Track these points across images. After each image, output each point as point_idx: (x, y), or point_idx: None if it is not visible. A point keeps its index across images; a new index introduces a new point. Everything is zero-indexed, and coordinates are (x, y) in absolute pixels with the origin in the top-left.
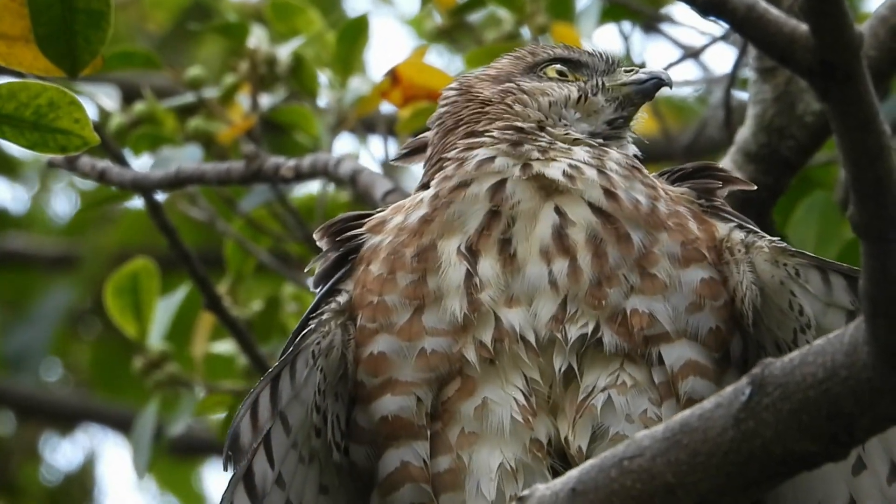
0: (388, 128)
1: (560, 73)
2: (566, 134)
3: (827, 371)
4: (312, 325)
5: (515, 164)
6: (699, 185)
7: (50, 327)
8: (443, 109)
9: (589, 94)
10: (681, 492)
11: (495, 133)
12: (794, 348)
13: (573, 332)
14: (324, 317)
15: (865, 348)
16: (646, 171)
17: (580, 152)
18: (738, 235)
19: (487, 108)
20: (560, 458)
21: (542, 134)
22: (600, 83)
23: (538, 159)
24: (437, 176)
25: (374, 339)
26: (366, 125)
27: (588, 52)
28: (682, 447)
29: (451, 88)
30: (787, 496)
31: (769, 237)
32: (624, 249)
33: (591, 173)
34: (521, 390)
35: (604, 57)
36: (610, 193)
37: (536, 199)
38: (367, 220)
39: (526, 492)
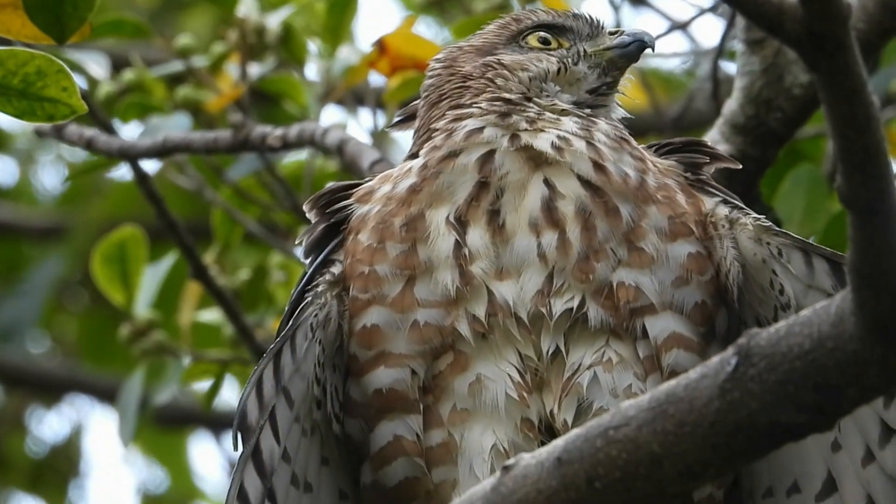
0: (377, 99)
1: (543, 40)
2: (553, 104)
3: (813, 342)
4: (309, 298)
5: (504, 135)
6: (686, 158)
7: (40, 299)
8: (428, 82)
9: (569, 65)
10: (666, 462)
11: (484, 104)
12: None
13: (558, 307)
14: (319, 288)
15: (852, 319)
16: (634, 143)
17: (569, 123)
18: (723, 211)
19: (469, 83)
20: (550, 437)
21: (530, 104)
22: (582, 50)
23: (526, 130)
24: (425, 146)
25: (366, 310)
26: (355, 96)
27: (572, 16)
28: (667, 417)
29: (437, 60)
30: (764, 473)
31: (754, 214)
32: (612, 223)
33: (580, 145)
34: (515, 367)
35: (588, 20)
36: (598, 166)
37: (525, 170)
38: (355, 190)
39: (511, 461)
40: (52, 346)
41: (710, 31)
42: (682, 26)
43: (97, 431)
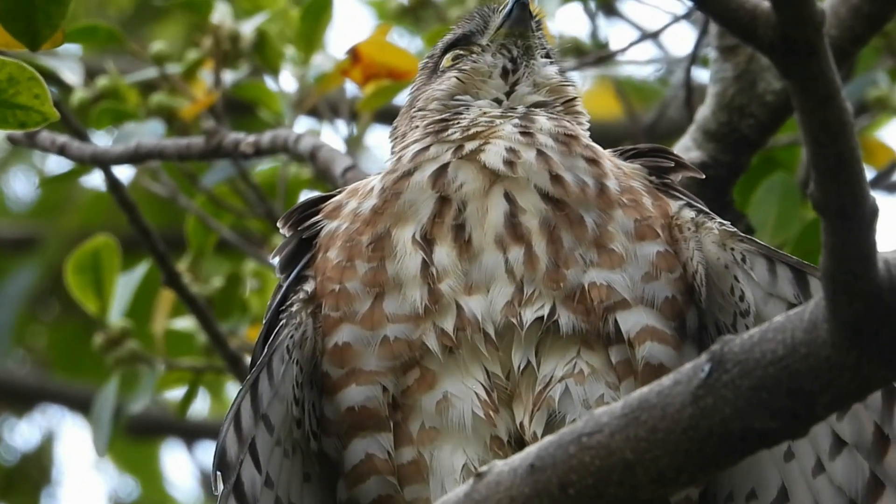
0: (351, 107)
1: (455, 57)
2: (483, 113)
3: (787, 348)
4: (283, 320)
5: (448, 149)
6: (651, 163)
7: (13, 310)
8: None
9: (470, 68)
10: (639, 468)
11: (420, 131)
12: (732, 332)
13: (528, 316)
14: (294, 308)
15: (825, 325)
16: (584, 138)
17: (507, 127)
18: (689, 214)
19: (408, 139)
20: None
21: (461, 117)
22: (481, 46)
23: (467, 138)
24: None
25: (338, 328)
26: (329, 104)
27: (467, 19)
28: (640, 424)
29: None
30: (726, 478)
31: (720, 220)
32: (578, 233)
33: (530, 156)
34: (482, 384)
35: (480, 14)
36: (555, 178)
37: (480, 178)
38: (325, 204)
39: (485, 468)
40: (23, 355)
41: (683, 39)
42: (653, 35)
43: (69, 439)
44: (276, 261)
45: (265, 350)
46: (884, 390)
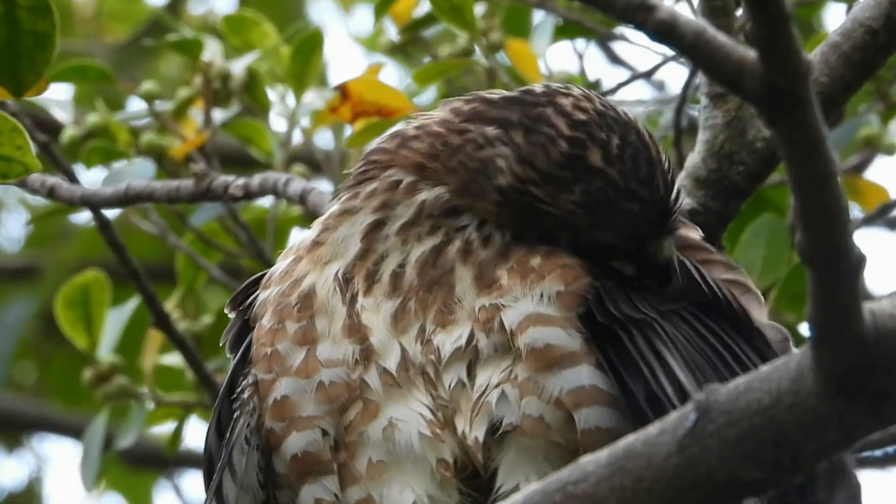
0: (341, 153)
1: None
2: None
3: (772, 398)
4: (237, 411)
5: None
6: None
7: (11, 341)
8: None
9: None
10: None
11: None
12: None
13: (448, 348)
14: (245, 395)
15: (811, 375)
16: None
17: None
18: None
19: None
20: (469, 479)
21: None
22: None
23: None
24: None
25: (274, 385)
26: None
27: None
28: (626, 473)
29: None
30: None
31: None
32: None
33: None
34: (426, 405)
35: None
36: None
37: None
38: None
39: None
40: (17, 385)
41: (676, 80)
42: (645, 75)
43: (61, 471)
44: (226, 345)
45: (223, 449)
46: None
